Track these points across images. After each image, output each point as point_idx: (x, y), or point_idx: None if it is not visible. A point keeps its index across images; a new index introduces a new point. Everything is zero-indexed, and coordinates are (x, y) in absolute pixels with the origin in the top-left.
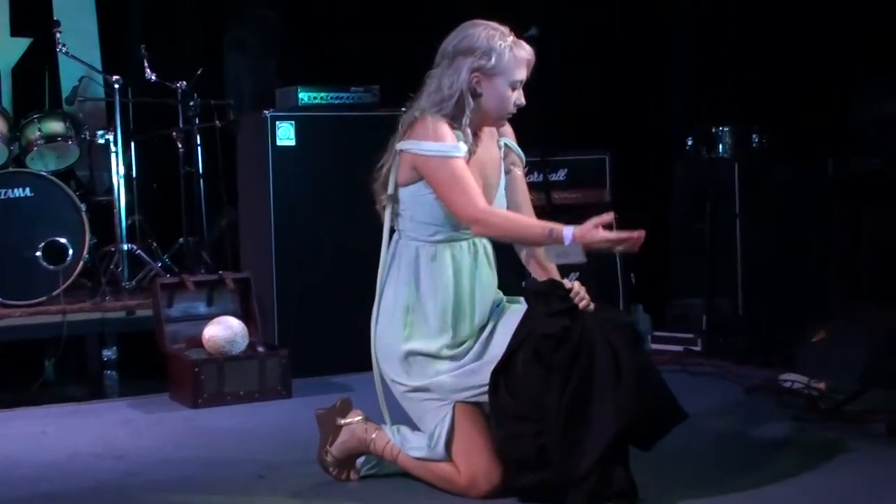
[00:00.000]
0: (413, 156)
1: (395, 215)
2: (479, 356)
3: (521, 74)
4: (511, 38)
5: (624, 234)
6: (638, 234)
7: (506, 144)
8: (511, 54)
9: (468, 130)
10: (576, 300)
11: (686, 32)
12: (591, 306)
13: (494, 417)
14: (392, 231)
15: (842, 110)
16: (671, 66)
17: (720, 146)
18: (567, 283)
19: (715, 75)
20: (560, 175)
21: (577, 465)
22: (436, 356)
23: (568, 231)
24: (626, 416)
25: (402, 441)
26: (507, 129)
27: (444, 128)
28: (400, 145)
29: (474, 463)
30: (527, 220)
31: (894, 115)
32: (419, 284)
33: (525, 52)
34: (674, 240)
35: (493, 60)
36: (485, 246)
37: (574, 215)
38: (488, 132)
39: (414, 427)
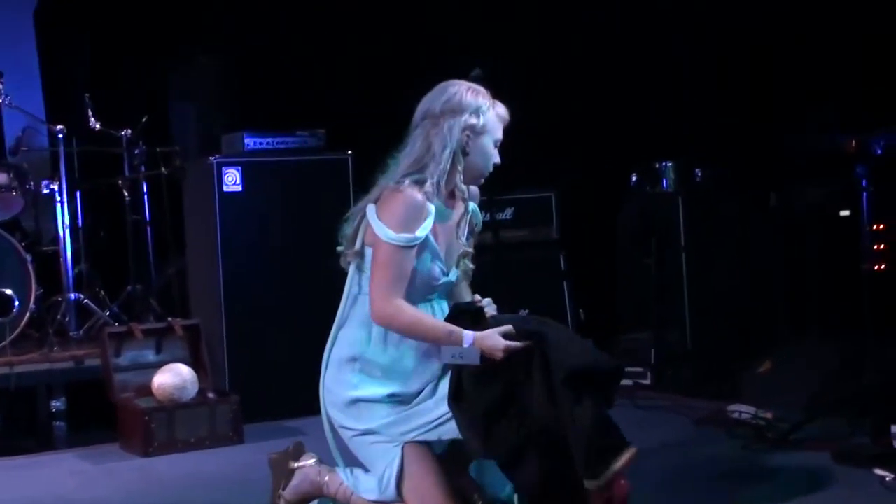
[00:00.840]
0: (374, 229)
1: (359, 271)
2: (429, 397)
3: (501, 133)
4: (490, 97)
5: (521, 346)
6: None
7: (472, 210)
8: (494, 113)
9: (443, 191)
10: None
11: (627, 70)
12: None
13: (465, 429)
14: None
15: (782, 143)
16: (613, 104)
17: (664, 181)
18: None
19: (656, 111)
20: (507, 214)
21: (582, 430)
22: (381, 402)
23: (468, 336)
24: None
25: (356, 483)
26: (476, 190)
27: (417, 209)
28: (370, 213)
29: (426, 501)
30: (430, 322)
31: (833, 147)
32: (371, 339)
33: (503, 110)
34: (621, 275)
35: (481, 119)
36: (442, 309)
37: (522, 253)
38: (459, 193)
39: (367, 469)
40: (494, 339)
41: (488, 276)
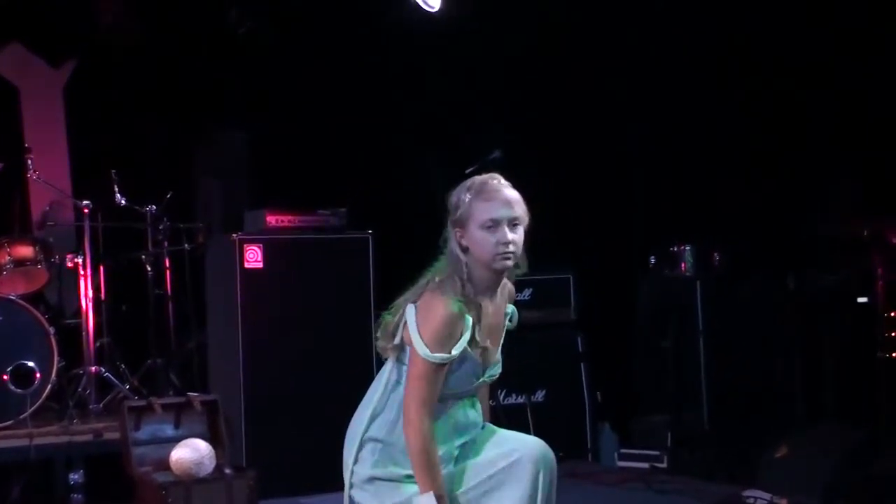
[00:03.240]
0: (411, 338)
1: (398, 362)
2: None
3: (492, 213)
4: (478, 183)
5: None
6: None
7: (510, 311)
8: (476, 198)
9: (477, 291)
10: None
11: (646, 153)
12: None
13: None
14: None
15: (799, 229)
16: (632, 187)
17: (682, 264)
18: None
19: (675, 195)
20: (525, 294)
21: None
22: (400, 481)
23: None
24: None
25: None
26: (511, 287)
27: (455, 328)
28: (409, 316)
29: None
30: (428, 467)
31: (850, 234)
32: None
33: (492, 192)
34: (639, 357)
35: (459, 211)
36: (476, 408)
37: (539, 334)
38: (501, 294)
39: None
40: None
41: (506, 358)
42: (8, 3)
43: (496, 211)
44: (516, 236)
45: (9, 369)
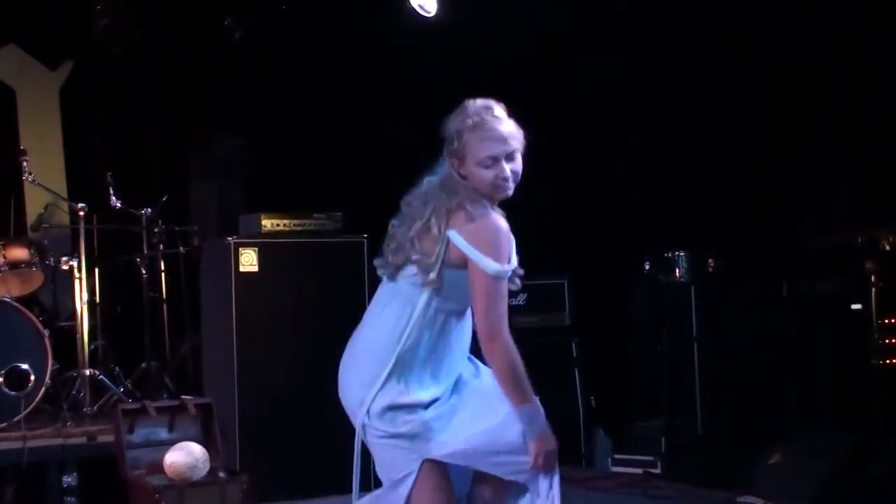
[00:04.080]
0: (468, 257)
1: (435, 294)
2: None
3: (490, 151)
4: (475, 117)
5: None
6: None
7: None
8: (473, 135)
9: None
10: None
11: (642, 158)
12: None
13: None
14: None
15: (794, 235)
16: (627, 192)
17: (677, 270)
18: None
19: (670, 200)
20: (520, 300)
21: None
22: (420, 407)
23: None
24: None
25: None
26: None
27: (509, 239)
28: (455, 240)
29: None
30: (524, 378)
31: (843, 241)
32: (428, 342)
33: (489, 129)
34: (633, 362)
35: (456, 144)
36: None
37: (534, 339)
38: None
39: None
40: (549, 432)
41: None
42: (4, 4)
43: (494, 148)
44: (514, 166)
45: (3, 371)
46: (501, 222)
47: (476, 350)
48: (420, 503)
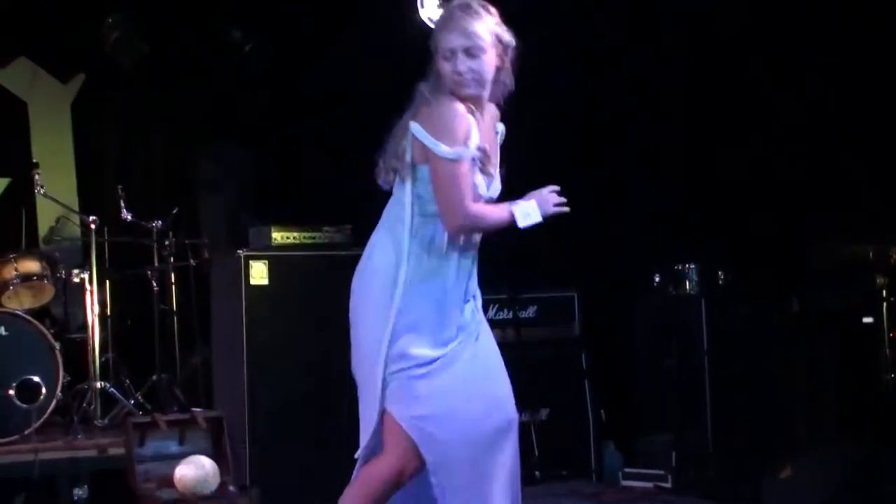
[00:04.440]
0: (423, 146)
1: (414, 190)
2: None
3: (449, 43)
4: (446, 12)
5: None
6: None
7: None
8: (440, 28)
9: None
10: None
11: (652, 170)
12: None
13: None
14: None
15: (804, 249)
16: (637, 204)
17: (686, 283)
18: None
19: (680, 213)
20: (529, 312)
21: None
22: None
23: (526, 201)
24: None
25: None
26: (494, 109)
27: (463, 122)
28: (415, 130)
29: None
30: (495, 210)
31: (854, 255)
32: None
33: (452, 22)
34: (642, 376)
35: (431, 39)
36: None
37: (544, 351)
38: (488, 115)
39: None
40: (542, 195)
41: (510, 374)
42: (16, 18)
43: (453, 41)
44: (473, 63)
45: (14, 384)
46: (457, 105)
47: None
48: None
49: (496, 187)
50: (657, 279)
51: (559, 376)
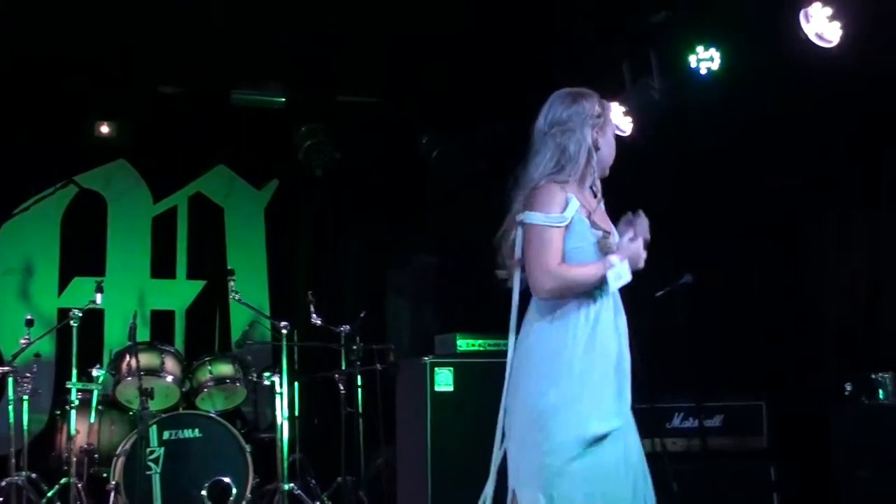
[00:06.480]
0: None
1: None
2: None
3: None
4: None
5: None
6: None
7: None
8: (608, 106)
9: (588, 187)
10: None
11: (837, 277)
12: None
13: None
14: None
15: None
16: (826, 311)
17: (880, 392)
18: None
19: (870, 319)
20: (716, 421)
21: None
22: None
23: (615, 257)
24: None
25: None
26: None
27: (556, 195)
28: (517, 216)
29: None
30: (587, 268)
31: None
32: (578, 346)
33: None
34: (837, 489)
35: (603, 114)
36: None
37: (731, 462)
38: (594, 190)
39: None
40: (631, 247)
41: (696, 484)
42: (216, 126)
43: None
44: None
45: (206, 485)
46: (556, 186)
47: None
48: None
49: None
50: (849, 388)
51: (747, 488)
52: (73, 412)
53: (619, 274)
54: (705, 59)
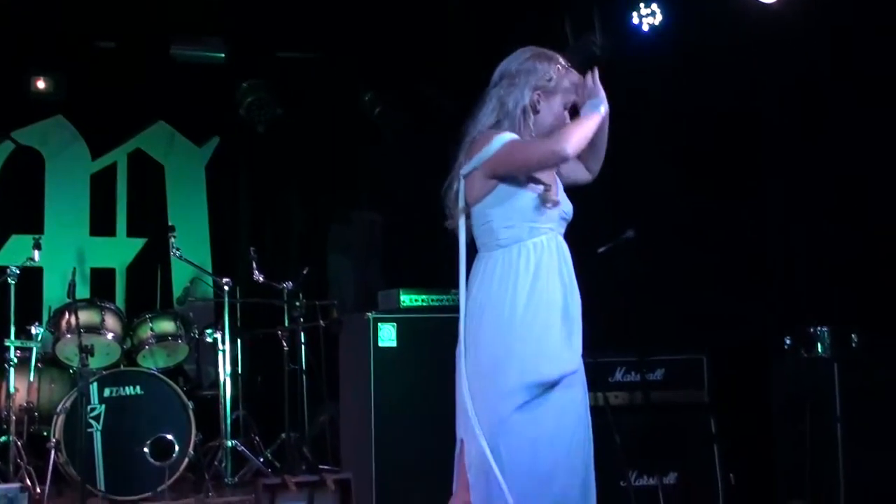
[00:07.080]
0: (481, 169)
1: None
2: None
3: (573, 97)
4: (563, 61)
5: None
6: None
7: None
8: (567, 77)
9: None
10: None
11: (781, 235)
12: None
13: None
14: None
15: None
16: (767, 266)
17: (819, 346)
18: None
19: (811, 274)
20: (657, 375)
21: None
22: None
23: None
24: None
25: None
26: None
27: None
28: (464, 170)
29: None
30: (586, 120)
31: None
32: (519, 296)
33: (576, 77)
34: (775, 441)
35: (553, 80)
36: (559, 246)
37: (672, 415)
38: None
39: None
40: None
41: (638, 437)
42: (154, 83)
43: (573, 96)
44: None
45: (148, 441)
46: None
47: None
48: None
49: (567, 209)
50: (788, 341)
51: (688, 439)
52: (12, 370)
53: (596, 105)
54: (647, 16)
